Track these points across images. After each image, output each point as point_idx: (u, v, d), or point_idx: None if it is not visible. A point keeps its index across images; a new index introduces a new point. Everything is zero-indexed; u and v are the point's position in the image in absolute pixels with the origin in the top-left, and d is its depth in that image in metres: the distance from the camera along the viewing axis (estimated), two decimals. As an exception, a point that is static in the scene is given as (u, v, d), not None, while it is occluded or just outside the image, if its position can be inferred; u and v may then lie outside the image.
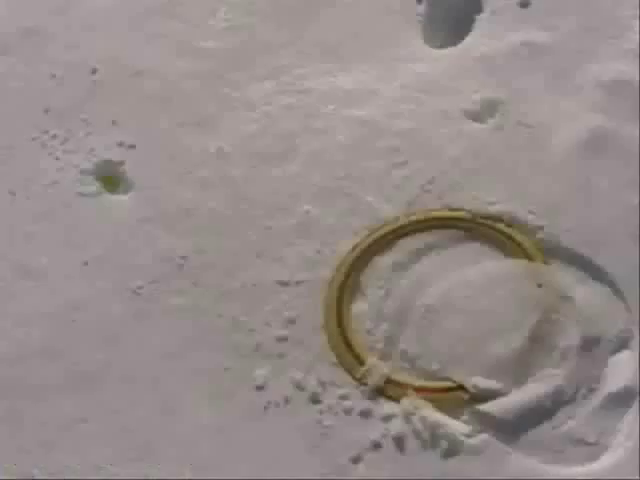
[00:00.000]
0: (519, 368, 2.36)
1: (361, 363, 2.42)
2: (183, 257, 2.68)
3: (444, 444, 2.23)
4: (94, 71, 3.19)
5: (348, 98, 2.96)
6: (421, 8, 3.28)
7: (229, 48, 3.19)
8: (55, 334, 2.61)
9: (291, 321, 2.51)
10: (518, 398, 2.30)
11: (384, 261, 2.60)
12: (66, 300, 2.65)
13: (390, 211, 2.69)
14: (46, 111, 3.12)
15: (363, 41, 3.15)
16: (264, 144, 2.87)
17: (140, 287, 2.63)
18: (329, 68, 3.05)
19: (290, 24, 3.22)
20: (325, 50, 3.11)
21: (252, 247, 2.67)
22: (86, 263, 2.73)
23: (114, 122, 3.04)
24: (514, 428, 2.28)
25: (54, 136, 3.04)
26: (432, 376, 2.41)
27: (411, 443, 2.26)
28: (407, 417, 2.28)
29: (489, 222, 2.61)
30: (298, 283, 2.57)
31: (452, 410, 2.35)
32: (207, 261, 2.67)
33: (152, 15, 3.35)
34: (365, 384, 2.40)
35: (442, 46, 3.18)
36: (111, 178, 2.95)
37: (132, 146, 2.97)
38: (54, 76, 3.21)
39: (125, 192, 2.88)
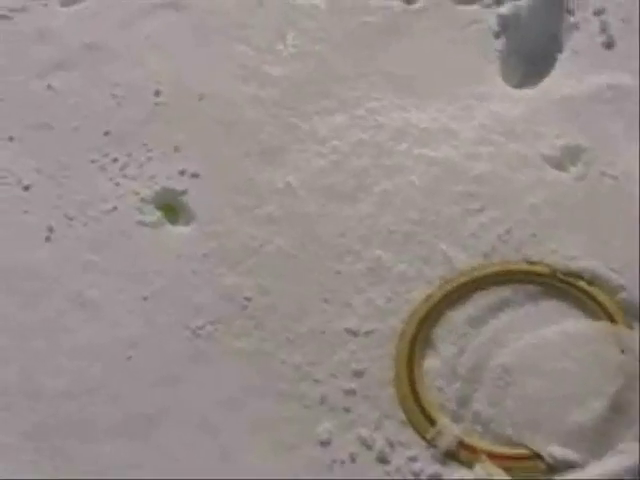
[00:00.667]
0: (598, 439, 2.22)
1: (432, 423, 2.30)
2: (247, 297, 2.56)
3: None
4: (157, 93, 3.07)
5: (423, 136, 2.83)
6: (499, 43, 3.13)
7: (297, 76, 3.06)
8: (110, 372, 2.51)
9: (359, 374, 2.39)
10: (596, 472, 2.14)
11: (458, 315, 2.47)
12: (122, 336, 2.54)
13: (465, 261, 2.55)
14: (106, 133, 3.00)
15: (438, 75, 3.01)
16: (334, 181, 2.74)
17: (200, 327, 2.52)
18: (402, 103, 2.91)
19: (362, 54, 3.09)
20: (398, 83, 2.97)
21: (319, 291, 2.55)
22: (145, 298, 2.61)
23: (176, 148, 2.91)
24: (591, 503, 2.10)
25: (114, 160, 2.93)
26: (506, 441, 2.29)
27: (484, 513, 2.10)
28: (480, 485, 2.12)
29: (569, 279, 2.48)
30: (367, 333, 2.45)
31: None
32: (272, 303, 2.54)
33: (218, 36, 3.22)
34: (435, 446, 2.29)
35: (520, 84, 3.02)
36: (172, 208, 2.83)
37: (195, 175, 2.84)
38: (115, 96, 3.09)
39: (186, 223, 2.76)
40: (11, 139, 3.04)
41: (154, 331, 2.54)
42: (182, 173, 2.86)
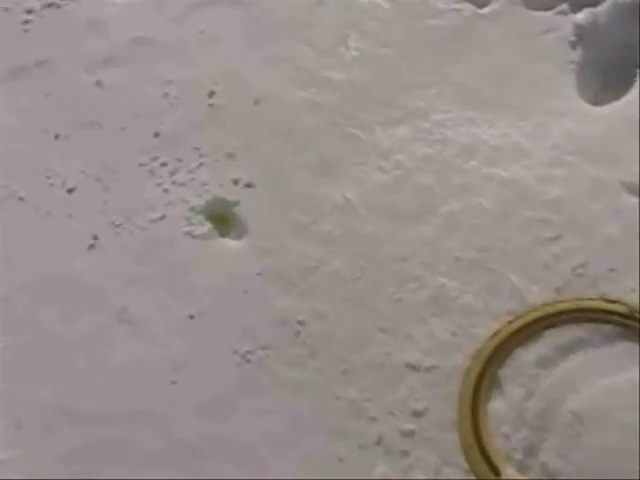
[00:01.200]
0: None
1: (496, 473, 2.14)
2: (300, 322, 2.41)
3: None
4: (211, 94, 2.89)
5: (493, 154, 2.63)
6: (575, 55, 2.89)
7: (359, 82, 2.86)
8: (153, 395, 2.39)
9: (418, 413, 2.24)
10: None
11: (527, 354, 2.30)
12: (168, 357, 2.39)
13: (536, 295, 2.37)
14: (156, 134, 2.82)
15: (510, 88, 2.80)
16: (396, 199, 2.56)
17: (250, 352, 2.37)
18: (471, 116, 2.70)
19: (428, 60, 2.89)
20: (467, 95, 2.76)
21: (378, 319, 2.38)
22: (191, 316, 2.46)
23: (230, 155, 2.74)
24: None
25: (163, 164, 2.76)
26: (575, 496, 2.05)
27: None
28: None
29: (650, 320, 2.23)
30: (429, 369, 2.28)
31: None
32: (327, 330, 2.38)
33: (276, 34, 3.03)
34: (499, 498, 2.04)
35: (597, 99, 2.79)
36: (223, 219, 2.66)
37: (249, 185, 2.67)
38: (167, 95, 2.91)
39: (238, 237, 2.60)
40: (57, 137, 2.88)
41: (200, 353, 2.39)
42: (235, 182, 2.69)
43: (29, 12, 3.22)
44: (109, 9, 3.20)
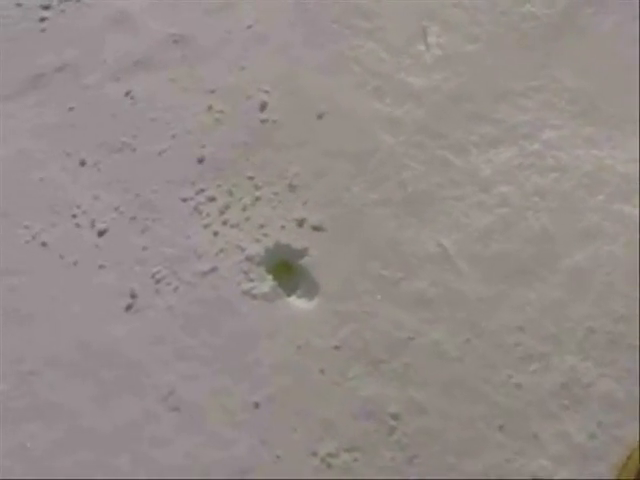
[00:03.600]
0: None
1: None
2: (394, 415, 1.87)
3: None
4: (263, 106, 2.31)
5: (622, 185, 2.09)
6: None
7: (444, 89, 2.30)
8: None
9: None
10: None
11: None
12: (230, 457, 1.94)
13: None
14: (200, 160, 2.28)
15: (634, 93, 2.14)
16: (505, 248, 2.02)
17: (332, 454, 1.88)
18: (591, 134, 2.13)
19: (529, 59, 2.30)
20: (581, 103, 2.21)
21: (493, 413, 1.88)
22: (256, 405, 1.97)
23: (291, 187, 2.19)
24: None
25: (211, 199, 2.23)
26: None
27: None
28: None
29: None
30: (561, 483, 1.72)
31: None
32: (429, 426, 1.88)
33: (339, 28, 2.42)
34: None
35: None
36: (289, 272, 2.09)
37: (318, 228, 2.13)
38: (210, 108, 2.35)
39: (309, 296, 2.07)
40: (83, 163, 2.34)
41: (272, 455, 1.89)
42: (300, 224, 2.14)
43: (45, 8, 2.69)
44: (137, 0, 2.57)
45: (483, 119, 2.26)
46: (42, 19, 2.68)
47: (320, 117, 2.35)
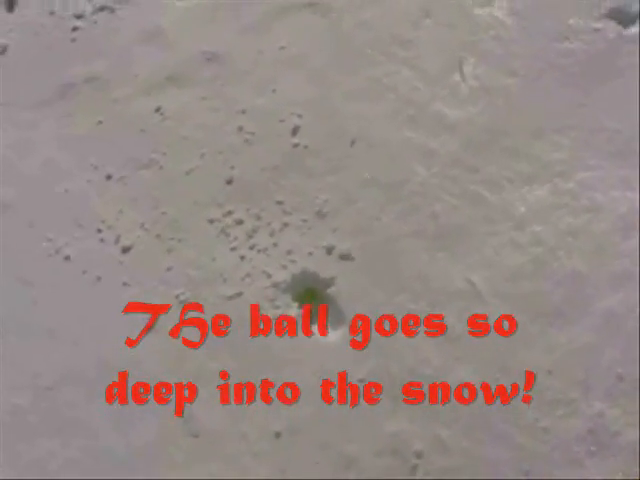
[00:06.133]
0: None
1: None
2: (418, 453, 1.83)
3: None
4: (295, 130, 2.29)
5: (659, 230, 1.99)
6: None
7: (480, 123, 2.26)
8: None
9: None
10: None
11: None
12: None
13: None
14: (229, 181, 2.25)
15: None
16: (537, 288, 1.96)
17: (354, 490, 1.78)
18: (626, 175, 2.08)
19: (566, 96, 2.27)
20: (618, 145, 2.18)
21: (520, 457, 1.85)
22: (277, 434, 2.08)
23: (320, 214, 2.16)
24: None
25: (239, 222, 2.20)
26: None
27: None
28: None
29: None
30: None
31: None
32: (453, 466, 1.88)
33: (372, 54, 2.38)
34: None
35: None
36: (316, 299, 2.04)
37: (346, 257, 2.10)
38: (241, 129, 2.32)
39: (334, 326, 2.02)
40: (109, 177, 2.32)
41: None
42: (329, 251, 2.11)
43: (78, 17, 2.66)
44: (171, 15, 2.56)
45: (518, 155, 2.23)
46: (74, 29, 2.66)
47: (352, 144, 2.33)
